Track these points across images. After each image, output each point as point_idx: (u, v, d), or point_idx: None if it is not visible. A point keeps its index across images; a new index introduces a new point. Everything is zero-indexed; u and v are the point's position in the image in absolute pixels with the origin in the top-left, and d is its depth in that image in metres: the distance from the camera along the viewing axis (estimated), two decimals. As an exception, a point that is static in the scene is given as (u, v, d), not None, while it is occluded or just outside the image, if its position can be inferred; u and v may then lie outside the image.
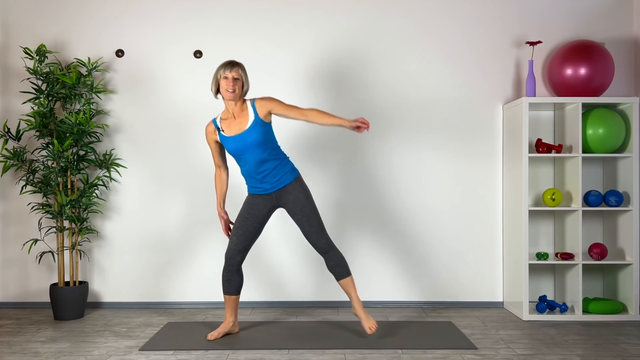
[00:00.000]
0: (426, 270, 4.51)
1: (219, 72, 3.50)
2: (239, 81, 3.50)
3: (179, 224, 4.50)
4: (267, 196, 3.59)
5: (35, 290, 4.52)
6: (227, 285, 3.63)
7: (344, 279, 3.63)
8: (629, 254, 4.16)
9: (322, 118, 3.43)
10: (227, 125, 3.55)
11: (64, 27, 4.50)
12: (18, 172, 4.50)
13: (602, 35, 4.49)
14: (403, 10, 4.50)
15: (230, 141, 3.52)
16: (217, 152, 3.69)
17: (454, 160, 4.50)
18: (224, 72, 3.48)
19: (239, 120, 3.53)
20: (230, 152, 3.55)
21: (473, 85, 4.50)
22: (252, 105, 3.52)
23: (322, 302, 4.50)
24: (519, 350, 3.41)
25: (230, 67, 3.48)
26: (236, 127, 3.53)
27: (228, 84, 3.47)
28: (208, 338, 3.59)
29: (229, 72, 3.47)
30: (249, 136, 3.48)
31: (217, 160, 3.71)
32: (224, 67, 3.49)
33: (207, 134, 3.64)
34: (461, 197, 4.50)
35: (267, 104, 3.50)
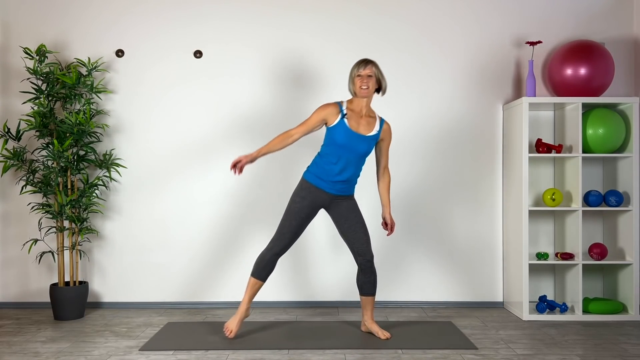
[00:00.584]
0: (426, 270, 4.51)
1: (353, 71, 3.55)
2: (372, 78, 3.53)
3: (179, 223, 4.50)
4: (326, 195, 3.58)
5: (35, 290, 4.52)
6: (263, 272, 3.60)
7: (370, 296, 3.67)
8: (629, 254, 4.16)
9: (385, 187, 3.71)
10: (352, 117, 3.55)
11: (64, 27, 4.50)
12: (18, 172, 4.50)
13: (602, 35, 4.49)
14: (403, 10, 4.50)
15: (348, 134, 3.50)
16: (311, 128, 3.56)
17: (454, 160, 4.50)
18: (358, 70, 3.53)
19: (366, 121, 3.56)
20: (339, 141, 3.50)
21: (473, 85, 4.50)
22: (380, 122, 3.60)
23: (322, 302, 4.50)
24: (519, 350, 3.41)
25: (364, 65, 3.52)
26: (360, 125, 3.55)
27: (362, 81, 3.50)
28: (229, 335, 3.58)
29: (363, 69, 3.51)
30: (364, 142, 3.53)
31: (301, 132, 3.55)
32: (358, 66, 3.54)
33: (325, 110, 3.54)
34: (461, 197, 4.50)
35: (388, 134, 3.65)
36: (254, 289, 3.64)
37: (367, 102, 3.57)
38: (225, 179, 4.48)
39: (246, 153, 3.37)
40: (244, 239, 4.50)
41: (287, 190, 4.48)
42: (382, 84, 3.59)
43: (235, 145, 4.48)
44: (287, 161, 4.48)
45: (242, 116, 4.49)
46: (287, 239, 3.58)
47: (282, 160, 4.48)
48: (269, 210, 4.49)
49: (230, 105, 4.49)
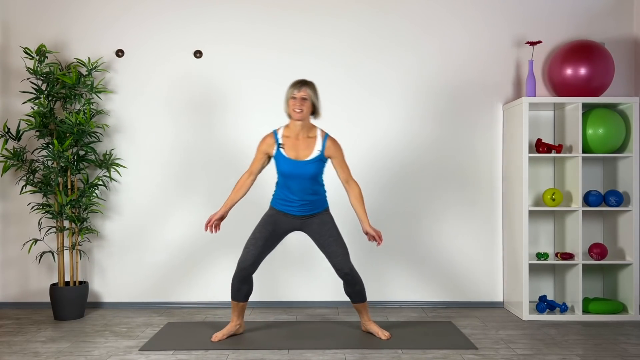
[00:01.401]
0: (426, 270, 4.51)
1: (288, 92, 3.47)
2: (306, 101, 3.43)
3: (178, 223, 4.50)
4: (294, 218, 3.57)
5: (35, 290, 4.52)
6: (237, 293, 3.59)
7: (359, 303, 3.68)
8: (629, 254, 4.16)
9: (357, 199, 3.55)
10: (290, 144, 3.49)
11: (64, 27, 4.50)
12: (18, 172, 4.49)
13: (602, 35, 4.49)
14: (403, 10, 4.50)
15: (287, 163, 3.47)
16: (260, 162, 3.59)
17: (454, 160, 4.50)
18: (292, 92, 3.44)
19: (304, 145, 3.49)
20: (282, 171, 3.50)
21: (473, 85, 4.50)
22: (323, 139, 3.50)
23: (322, 302, 4.50)
24: (519, 350, 3.41)
25: (299, 87, 3.44)
26: (298, 151, 3.48)
27: (295, 103, 3.42)
28: (213, 339, 3.58)
29: (297, 91, 3.43)
30: (307, 167, 3.47)
31: (255, 167, 3.60)
32: (293, 87, 3.46)
33: (263, 144, 3.55)
34: (461, 197, 4.50)
35: (334, 148, 3.52)
36: (235, 308, 3.64)
37: (304, 125, 3.48)
38: (225, 179, 4.48)
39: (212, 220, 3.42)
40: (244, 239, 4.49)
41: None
42: (315, 106, 3.48)
43: (235, 145, 4.48)
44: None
45: (241, 116, 4.49)
46: (249, 252, 3.52)
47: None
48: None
49: (229, 105, 4.49)
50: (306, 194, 3.52)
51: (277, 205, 3.59)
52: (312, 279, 4.51)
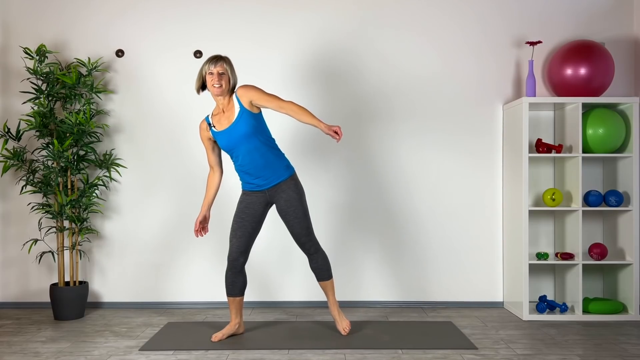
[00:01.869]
0: (426, 270, 4.51)
1: (203, 68, 3.46)
2: (224, 75, 3.44)
3: (178, 223, 4.50)
4: (260, 193, 3.55)
5: (35, 290, 4.52)
6: (231, 288, 3.61)
7: (325, 281, 3.67)
8: (629, 254, 4.16)
9: (300, 114, 3.35)
10: (218, 120, 3.52)
11: (64, 27, 4.50)
12: (18, 172, 4.49)
13: (602, 35, 4.49)
14: (402, 10, 4.50)
15: (221, 136, 3.49)
16: (210, 150, 3.63)
17: (454, 160, 4.50)
18: (209, 68, 3.43)
19: (228, 114, 3.49)
20: (223, 147, 3.51)
21: (473, 85, 4.50)
22: (236, 97, 3.48)
23: (322, 302, 4.50)
24: (519, 350, 3.41)
25: (215, 62, 3.43)
26: (225, 121, 3.49)
27: (214, 79, 3.42)
28: (212, 339, 3.58)
29: (213, 67, 3.42)
30: (237, 128, 3.43)
31: (211, 159, 3.65)
32: (209, 63, 3.44)
33: (201, 132, 3.60)
34: (461, 197, 4.50)
35: (247, 93, 3.43)
36: (232, 305, 3.64)
37: (224, 100, 3.48)
38: (225, 179, 4.48)
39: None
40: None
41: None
42: (231, 81, 3.47)
43: (235, 145, 4.48)
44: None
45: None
46: (234, 244, 3.55)
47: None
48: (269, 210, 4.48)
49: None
50: (255, 156, 3.46)
51: (244, 186, 3.61)
52: (312, 279, 4.51)
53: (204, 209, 3.67)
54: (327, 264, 3.66)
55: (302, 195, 3.57)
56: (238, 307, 3.65)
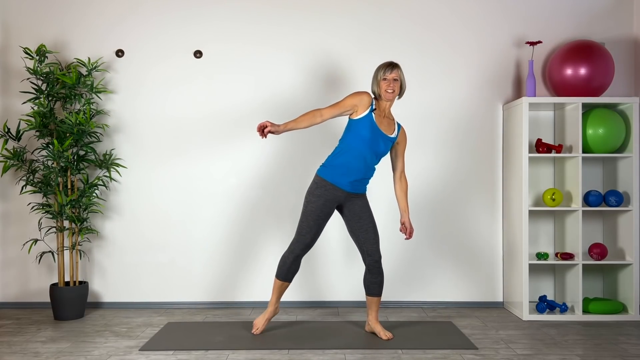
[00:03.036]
0: (426, 270, 4.50)
1: (379, 74, 3.56)
2: (397, 82, 3.55)
3: (179, 223, 4.50)
4: (343, 193, 3.56)
5: (35, 290, 4.52)
6: (288, 273, 3.64)
7: (377, 297, 3.69)
8: (629, 254, 4.16)
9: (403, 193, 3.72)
10: (379, 118, 3.58)
11: (64, 27, 4.50)
12: (18, 172, 4.49)
13: (602, 35, 4.49)
14: (403, 10, 4.50)
15: (374, 131, 3.52)
16: (342, 111, 3.52)
17: (454, 160, 4.50)
18: (385, 74, 3.54)
19: (388, 121, 3.61)
20: (363, 135, 3.50)
21: (473, 85, 4.50)
22: (398, 125, 3.65)
23: (322, 302, 4.50)
24: (519, 350, 3.41)
25: (391, 69, 3.54)
26: (384, 125, 3.58)
27: (388, 84, 3.53)
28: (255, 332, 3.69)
29: (389, 73, 3.53)
30: (385, 141, 3.56)
31: (331, 113, 3.50)
32: (385, 68, 3.55)
33: (357, 97, 3.52)
34: (461, 197, 4.50)
35: (403, 138, 3.68)
36: (280, 289, 3.70)
37: (390, 105, 3.61)
38: (225, 179, 4.48)
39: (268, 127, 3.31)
40: (244, 239, 4.50)
41: (285, 190, 4.47)
42: (403, 87, 3.62)
43: (234, 145, 4.48)
44: (289, 160, 4.48)
45: (242, 116, 4.49)
46: (307, 239, 3.59)
47: (284, 159, 4.48)
48: (270, 210, 4.48)
49: (230, 105, 4.49)
50: (368, 170, 3.58)
51: (331, 175, 3.55)
52: (313, 279, 4.51)
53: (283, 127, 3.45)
54: (382, 280, 3.69)
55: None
56: (283, 292, 3.73)
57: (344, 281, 4.50)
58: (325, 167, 3.59)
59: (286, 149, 4.48)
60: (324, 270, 4.50)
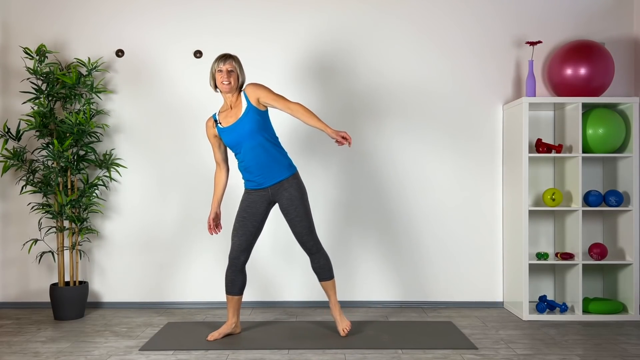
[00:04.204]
0: (426, 270, 4.51)
1: (213, 66, 3.54)
2: (233, 73, 3.52)
3: (179, 223, 4.50)
4: (262, 191, 3.57)
5: (35, 290, 4.52)
6: (231, 286, 3.62)
7: (326, 281, 3.68)
8: (629, 254, 4.16)
9: (307, 117, 3.43)
10: (225, 117, 3.58)
11: (63, 27, 4.50)
12: (18, 172, 4.49)
13: (602, 35, 4.49)
14: (402, 10, 4.50)
15: (227, 132, 3.53)
16: (217, 148, 3.67)
17: (454, 160, 4.50)
18: (218, 66, 3.51)
19: (235, 110, 3.55)
20: (228, 143, 3.54)
21: (473, 85, 4.50)
22: (244, 94, 3.54)
23: (322, 302, 4.50)
24: (519, 350, 3.41)
25: (224, 60, 3.51)
26: (232, 117, 3.54)
27: (223, 76, 3.50)
28: (208, 339, 3.58)
29: (222, 64, 3.51)
30: (242, 124, 3.49)
31: (217, 156, 3.69)
32: (218, 61, 3.52)
33: (207, 129, 3.64)
34: (461, 197, 4.50)
35: (255, 90, 3.50)
36: (230, 303, 3.66)
37: (232, 96, 3.55)
38: (225, 179, 4.49)
39: None
40: (244, 239, 4.50)
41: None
42: (240, 79, 3.56)
43: (235, 145, 4.48)
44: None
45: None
46: (236, 242, 3.58)
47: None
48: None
49: (230, 105, 4.49)
50: (258, 153, 3.49)
51: (246, 184, 3.63)
52: (313, 278, 4.51)
53: (214, 206, 3.71)
54: (328, 264, 3.66)
55: (304, 194, 3.58)
56: (236, 307, 3.66)
57: (344, 281, 4.50)
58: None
59: (285, 148, 4.48)
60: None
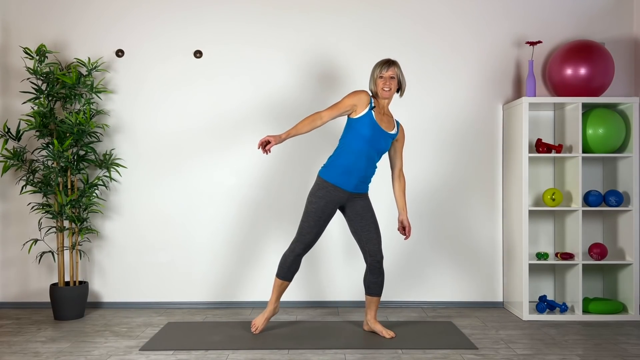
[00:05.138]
0: (426, 270, 4.50)
1: (375, 72, 3.55)
2: (394, 80, 3.55)
3: (178, 223, 4.50)
4: (345, 193, 3.56)
5: (35, 290, 4.52)
6: (288, 272, 3.64)
7: (376, 297, 3.69)
8: (629, 254, 4.16)
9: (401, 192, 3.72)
10: (378, 116, 3.57)
11: (64, 27, 4.50)
12: (18, 172, 4.49)
13: (602, 35, 4.49)
14: (403, 10, 4.50)
15: (375, 129, 3.50)
16: (341, 111, 3.49)
17: (454, 160, 4.50)
18: (381, 72, 3.53)
19: (388, 119, 3.61)
20: (363, 133, 3.48)
21: (473, 85, 4.50)
22: (396, 122, 3.65)
23: (322, 302, 4.50)
24: (519, 350, 3.41)
25: (387, 66, 3.53)
26: (385, 123, 3.57)
27: (385, 82, 3.52)
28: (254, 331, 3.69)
29: (385, 71, 3.52)
30: (385, 138, 3.56)
31: (331, 114, 3.46)
32: (381, 66, 3.54)
33: (356, 97, 3.49)
34: (461, 196, 4.50)
35: (402, 136, 3.69)
36: (280, 288, 3.70)
37: (388, 103, 3.60)
38: (225, 179, 4.48)
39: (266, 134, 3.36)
40: (244, 239, 4.50)
41: (285, 190, 4.47)
42: (402, 85, 3.61)
43: (234, 146, 4.48)
44: (290, 159, 4.48)
45: (241, 116, 4.49)
46: (308, 239, 3.59)
47: (284, 158, 4.48)
48: (270, 210, 4.48)
49: (230, 105, 4.49)
50: (370, 168, 3.57)
51: (333, 176, 3.53)
52: (313, 279, 4.51)
53: (286, 135, 3.39)
54: (383, 280, 3.69)
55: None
56: (282, 291, 3.72)
57: (344, 281, 4.50)
58: (326, 167, 3.58)
59: (286, 148, 4.48)
60: (324, 270, 4.50)
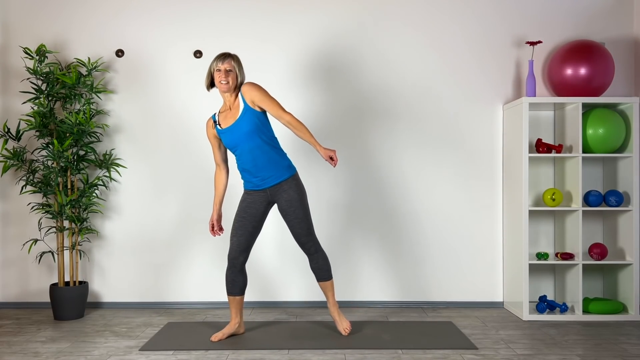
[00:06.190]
0: (426, 270, 4.51)
1: (212, 65, 3.52)
2: (232, 73, 3.48)
3: (178, 223, 4.50)
4: (261, 192, 3.57)
5: (35, 290, 4.52)
6: (231, 286, 3.61)
7: (325, 281, 3.68)
8: (629, 254, 4.16)
9: (298, 129, 3.44)
10: (224, 117, 3.57)
11: (63, 27, 4.50)
12: (18, 172, 4.50)
13: (602, 35, 4.49)
14: (403, 10, 4.50)
15: (225, 133, 3.52)
16: (217, 148, 3.66)
17: (454, 160, 4.50)
18: (217, 65, 3.48)
19: (233, 111, 3.53)
20: (227, 145, 3.54)
21: (473, 85, 4.50)
22: (240, 94, 3.52)
23: (322, 302, 4.50)
24: (519, 350, 3.41)
25: (223, 59, 3.48)
26: (230, 118, 3.53)
27: (221, 75, 3.47)
28: (212, 339, 3.58)
29: (221, 64, 3.47)
30: (239, 125, 3.47)
31: (217, 157, 3.68)
32: (217, 60, 3.49)
33: (207, 129, 3.64)
34: (461, 197, 4.50)
35: (250, 91, 3.46)
36: (232, 304, 3.65)
37: (230, 96, 3.52)
38: (225, 179, 4.49)
39: None
40: (244, 239, 4.50)
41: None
42: (238, 78, 3.51)
43: (235, 145, 4.48)
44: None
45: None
46: (233, 243, 3.57)
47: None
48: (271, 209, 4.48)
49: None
50: (256, 155, 3.48)
51: (245, 185, 3.63)
52: (312, 279, 4.51)
53: (216, 208, 3.70)
54: (327, 265, 3.66)
55: (303, 195, 3.58)
56: (238, 307, 3.65)
57: (344, 281, 4.50)
58: None
59: (284, 149, 4.48)
60: (324, 270, 4.50)
